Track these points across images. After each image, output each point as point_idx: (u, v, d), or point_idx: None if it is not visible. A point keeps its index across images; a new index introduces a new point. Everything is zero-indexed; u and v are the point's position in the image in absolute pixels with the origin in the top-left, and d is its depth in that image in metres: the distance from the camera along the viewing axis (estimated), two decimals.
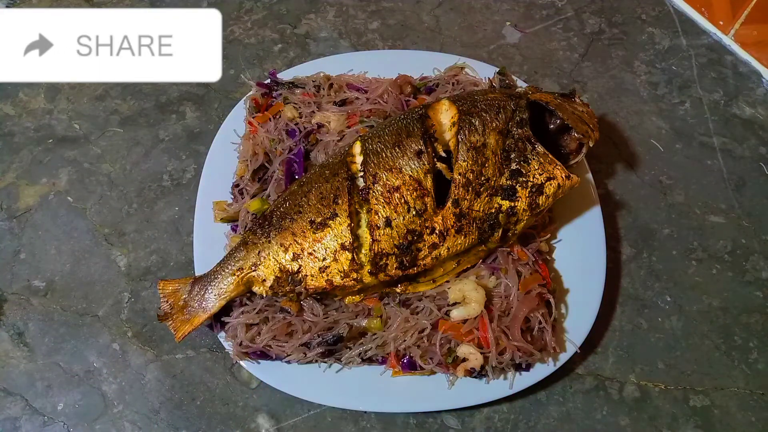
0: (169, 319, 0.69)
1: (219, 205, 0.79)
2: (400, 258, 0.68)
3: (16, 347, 0.77)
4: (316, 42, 1.02)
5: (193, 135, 0.93)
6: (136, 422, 0.72)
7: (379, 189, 0.68)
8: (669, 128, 0.93)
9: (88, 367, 0.76)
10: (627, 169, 0.90)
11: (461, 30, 1.04)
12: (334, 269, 0.68)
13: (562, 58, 1.01)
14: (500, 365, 0.68)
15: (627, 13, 1.06)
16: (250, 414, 0.73)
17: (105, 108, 0.96)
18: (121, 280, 0.81)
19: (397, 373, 0.70)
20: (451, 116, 0.71)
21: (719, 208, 0.86)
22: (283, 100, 0.84)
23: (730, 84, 0.97)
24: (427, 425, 0.72)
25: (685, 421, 0.72)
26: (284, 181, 0.78)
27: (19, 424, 0.72)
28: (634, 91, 0.97)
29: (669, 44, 1.02)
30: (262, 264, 0.69)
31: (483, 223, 0.69)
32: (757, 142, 0.92)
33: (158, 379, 0.75)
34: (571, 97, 0.78)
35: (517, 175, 0.70)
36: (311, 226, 0.68)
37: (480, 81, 0.87)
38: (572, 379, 0.75)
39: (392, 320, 0.70)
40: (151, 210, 0.86)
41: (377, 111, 0.82)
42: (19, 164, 0.90)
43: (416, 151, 0.69)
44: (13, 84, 0.98)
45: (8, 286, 0.81)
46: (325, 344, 0.68)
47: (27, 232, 0.85)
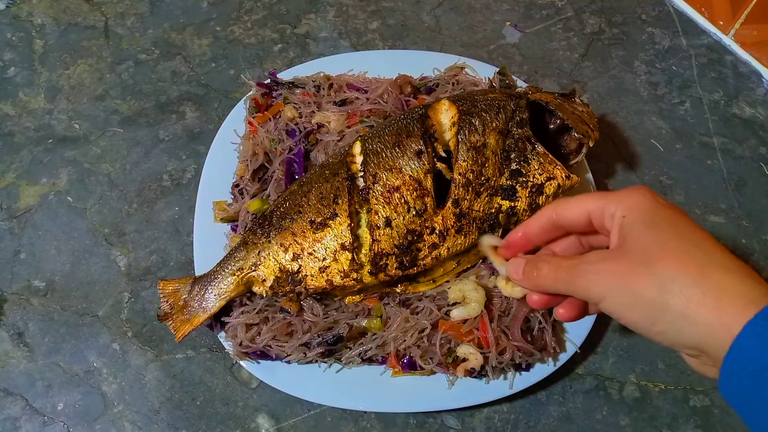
0: (169, 319, 0.69)
1: (219, 205, 0.79)
2: (400, 258, 0.68)
3: (16, 347, 0.77)
4: (316, 42, 1.02)
5: (193, 135, 0.93)
6: (136, 422, 0.72)
7: (379, 189, 0.68)
8: (669, 128, 0.93)
9: (88, 367, 0.76)
10: (627, 169, 0.90)
11: (461, 30, 1.04)
12: (334, 269, 0.68)
13: (562, 58, 1.01)
14: (500, 365, 0.68)
15: (627, 13, 1.06)
16: (250, 414, 0.73)
17: (105, 108, 0.96)
18: (121, 280, 0.81)
19: (397, 373, 0.70)
20: (451, 116, 0.71)
21: (719, 208, 0.86)
22: (283, 100, 0.84)
23: (730, 84, 0.97)
24: (427, 425, 0.72)
25: (685, 421, 0.72)
26: (284, 181, 0.78)
27: (19, 424, 0.72)
28: (634, 91, 0.97)
29: (669, 44, 1.02)
30: (262, 264, 0.69)
31: (483, 223, 0.69)
32: (757, 142, 0.92)
33: (158, 379, 0.75)
34: (571, 97, 0.78)
35: (517, 175, 0.70)
36: (311, 226, 0.68)
37: (480, 81, 0.87)
38: (572, 379, 0.75)
39: (392, 320, 0.70)
40: (151, 210, 0.86)
41: (377, 111, 0.82)
42: (19, 164, 0.90)
43: (416, 151, 0.69)
44: (13, 84, 0.98)
45: (8, 286, 0.81)
46: (325, 344, 0.68)
47: (27, 232, 0.85)
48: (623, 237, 0.44)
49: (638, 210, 0.45)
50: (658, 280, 0.41)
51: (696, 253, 0.41)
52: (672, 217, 0.44)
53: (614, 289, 0.43)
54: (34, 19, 1.05)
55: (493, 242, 0.68)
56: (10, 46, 1.02)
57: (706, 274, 0.39)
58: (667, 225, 0.43)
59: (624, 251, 0.44)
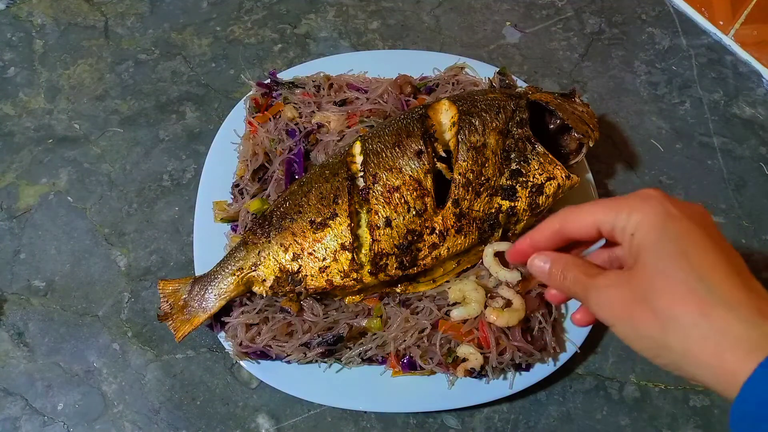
0: (169, 319, 0.69)
1: (219, 205, 0.80)
2: (400, 258, 0.68)
3: (16, 347, 0.77)
4: (316, 42, 1.02)
5: (193, 135, 0.93)
6: (136, 422, 0.72)
7: (379, 189, 0.68)
8: (669, 128, 0.93)
9: (88, 367, 0.76)
10: (627, 169, 0.90)
11: (461, 30, 1.04)
12: (334, 269, 0.68)
13: (562, 58, 1.01)
14: (500, 365, 0.68)
15: (627, 13, 1.06)
16: (250, 414, 0.73)
17: (105, 108, 0.96)
18: (121, 280, 0.81)
19: (397, 373, 0.70)
20: (451, 116, 0.71)
21: (719, 208, 0.86)
22: (283, 100, 0.84)
23: (730, 84, 0.97)
24: (427, 425, 0.72)
25: (685, 421, 0.72)
26: (284, 181, 0.78)
27: (19, 424, 0.72)
28: (634, 91, 0.97)
29: (669, 44, 1.02)
30: (262, 264, 0.69)
31: (483, 223, 0.69)
32: (757, 142, 0.92)
33: (158, 379, 0.75)
34: (571, 97, 0.78)
35: (517, 175, 0.70)
36: (311, 226, 0.68)
37: (480, 81, 0.87)
38: (572, 379, 0.75)
39: (392, 320, 0.70)
40: (151, 210, 0.86)
41: (377, 111, 0.82)
42: (19, 164, 0.90)
43: (416, 151, 0.69)
44: (13, 84, 0.98)
45: (8, 286, 0.81)
46: (325, 344, 0.68)
47: (27, 232, 0.85)
48: (634, 258, 0.43)
49: (647, 227, 0.43)
50: (659, 317, 0.40)
51: (699, 290, 0.39)
52: (681, 235, 0.41)
53: (620, 320, 0.43)
54: (34, 19, 1.05)
55: (502, 248, 0.68)
56: (10, 46, 1.02)
57: (707, 313, 0.38)
58: (674, 249, 0.41)
59: (631, 278, 0.43)
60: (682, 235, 0.42)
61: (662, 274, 0.41)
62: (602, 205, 0.46)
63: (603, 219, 0.46)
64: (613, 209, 0.45)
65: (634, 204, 0.44)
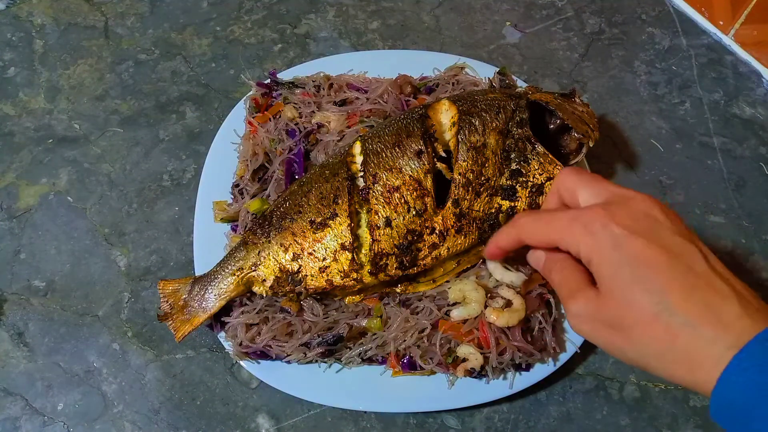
0: (169, 319, 0.69)
1: (219, 205, 0.80)
2: (400, 258, 0.68)
3: (16, 347, 0.77)
4: (316, 42, 1.02)
5: (193, 135, 0.93)
6: (136, 422, 0.72)
7: (379, 189, 0.68)
8: (669, 128, 0.93)
9: (88, 367, 0.76)
10: (627, 169, 0.90)
11: (461, 30, 1.04)
12: (334, 269, 0.68)
13: (562, 58, 1.01)
14: (500, 365, 0.68)
15: (627, 13, 1.06)
16: (250, 414, 0.73)
17: (105, 108, 0.96)
18: (121, 280, 0.81)
19: (397, 373, 0.70)
20: (451, 116, 0.71)
21: (719, 208, 0.86)
22: (283, 100, 0.84)
23: (730, 84, 0.97)
24: (427, 425, 0.72)
25: (685, 421, 0.72)
26: (284, 181, 0.78)
27: (19, 424, 0.72)
28: (634, 91, 0.97)
29: (669, 44, 1.02)
30: (262, 264, 0.69)
31: (483, 223, 0.69)
32: (757, 142, 0.92)
33: (158, 379, 0.75)
34: (571, 97, 0.78)
35: (517, 175, 0.70)
36: (311, 226, 0.68)
37: (480, 81, 0.87)
38: (572, 379, 0.75)
39: (392, 320, 0.70)
40: (151, 210, 0.86)
41: (377, 111, 0.82)
42: (19, 164, 0.90)
43: (416, 151, 0.69)
44: (13, 84, 0.98)
45: (8, 286, 0.81)
46: (325, 344, 0.68)
47: (27, 232, 0.85)
48: (599, 281, 0.47)
49: (598, 259, 0.46)
50: (635, 345, 0.45)
51: (662, 314, 0.43)
52: (632, 260, 0.44)
53: (597, 339, 0.48)
54: (34, 19, 1.05)
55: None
56: (10, 46, 1.02)
57: (674, 337, 0.42)
58: (630, 276, 0.44)
59: (601, 307, 0.46)
60: (632, 260, 0.44)
61: (628, 304, 0.44)
62: (553, 228, 0.50)
63: (559, 240, 0.49)
64: (565, 236, 0.48)
65: (580, 238, 0.47)
